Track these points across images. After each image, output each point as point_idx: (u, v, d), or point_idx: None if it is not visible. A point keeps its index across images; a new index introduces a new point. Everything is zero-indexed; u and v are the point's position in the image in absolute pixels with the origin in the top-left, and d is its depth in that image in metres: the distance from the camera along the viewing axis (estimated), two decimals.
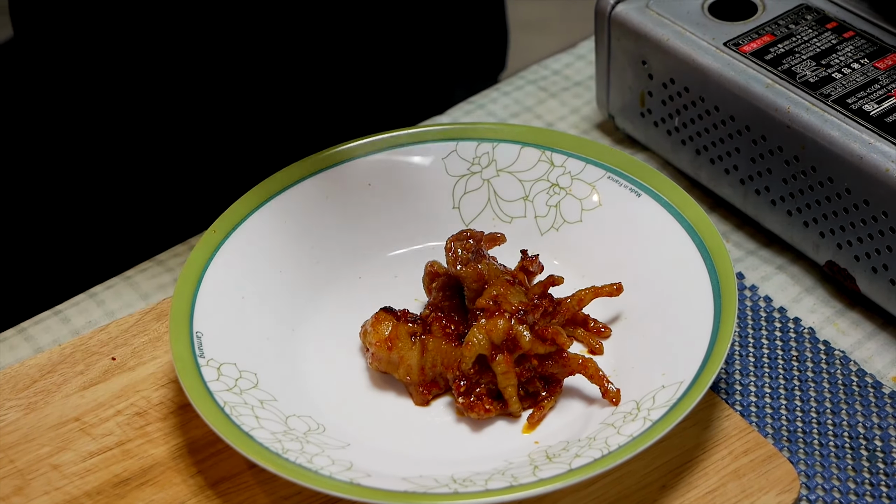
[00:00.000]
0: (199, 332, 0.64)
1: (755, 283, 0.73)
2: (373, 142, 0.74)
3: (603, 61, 0.80)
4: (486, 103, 0.86)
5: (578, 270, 0.70)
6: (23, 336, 0.71)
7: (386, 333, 0.64)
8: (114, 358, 0.68)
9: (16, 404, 0.66)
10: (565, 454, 0.59)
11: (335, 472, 0.58)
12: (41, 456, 0.63)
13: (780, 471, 0.61)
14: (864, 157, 0.67)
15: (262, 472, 0.62)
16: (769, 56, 0.73)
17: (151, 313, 0.70)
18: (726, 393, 0.67)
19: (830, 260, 0.71)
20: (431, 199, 0.73)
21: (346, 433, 0.63)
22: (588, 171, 0.72)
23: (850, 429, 0.65)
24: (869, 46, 0.73)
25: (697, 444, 0.63)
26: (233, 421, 0.60)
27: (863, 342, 0.69)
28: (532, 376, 0.64)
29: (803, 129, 0.69)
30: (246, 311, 0.67)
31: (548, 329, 0.63)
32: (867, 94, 0.70)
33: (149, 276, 0.75)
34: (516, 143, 0.74)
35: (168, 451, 0.64)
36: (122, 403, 0.66)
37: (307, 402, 0.64)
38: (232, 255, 0.68)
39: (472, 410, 0.63)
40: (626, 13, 0.77)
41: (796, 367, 0.68)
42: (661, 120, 0.78)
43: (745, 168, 0.74)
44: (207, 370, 0.62)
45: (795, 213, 0.72)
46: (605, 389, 0.63)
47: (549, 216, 0.72)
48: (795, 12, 0.76)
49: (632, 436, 0.59)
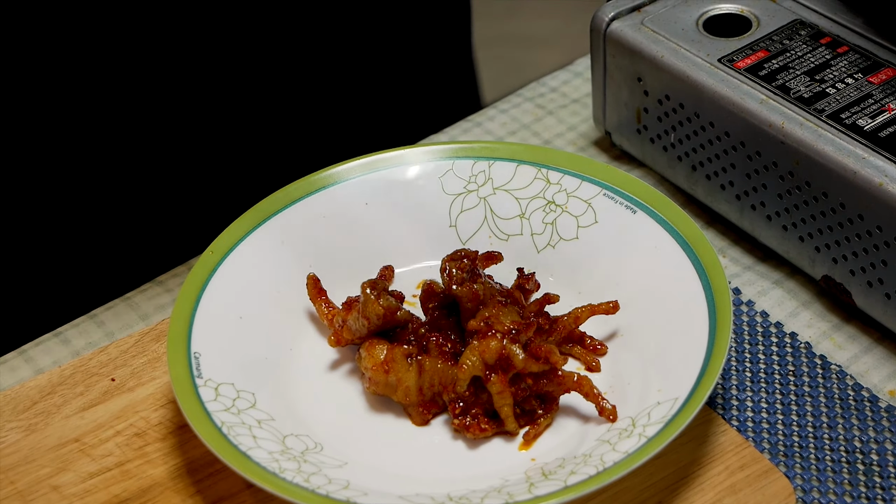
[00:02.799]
0: (196, 353, 0.64)
1: (752, 298, 0.73)
2: (369, 161, 0.74)
3: (599, 78, 0.81)
4: (483, 121, 0.87)
5: (575, 287, 0.71)
6: (23, 358, 0.72)
7: (381, 357, 0.64)
8: (113, 379, 0.68)
9: (16, 426, 0.66)
10: (561, 471, 0.60)
11: (332, 490, 0.58)
12: (41, 477, 0.64)
13: (776, 486, 0.62)
14: (857, 171, 0.67)
15: (260, 492, 0.62)
16: (763, 72, 0.74)
17: (150, 334, 0.71)
18: (723, 408, 0.67)
19: (826, 274, 0.71)
20: (428, 218, 0.73)
21: (343, 452, 0.63)
22: (584, 188, 0.73)
23: (846, 443, 0.65)
24: (863, 61, 0.74)
25: (693, 460, 0.63)
26: (230, 441, 0.60)
27: (859, 356, 0.70)
28: (528, 395, 0.64)
29: (797, 144, 0.69)
30: (244, 332, 0.67)
31: (541, 347, 0.63)
32: (861, 108, 0.70)
33: (148, 296, 0.75)
34: (512, 161, 0.74)
35: (167, 472, 0.64)
36: (122, 424, 0.66)
37: (304, 422, 0.64)
38: (229, 276, 0.68)
39: (469, 430, 0.63)
40: (621, 30, 0.78)
41: (793, 382, 0.68)
42: (658, 136, 0.79)
43: (741, 184, 0.74)
44: (205, 390, 0.62)
45: (791, 228, 0.72)
46: (601, 407, 0.63)
47: (545, 233, 0.73)
48: (790, 28, 0.77)
49: (627, 452, 0.59)
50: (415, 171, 0.74)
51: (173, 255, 0.81)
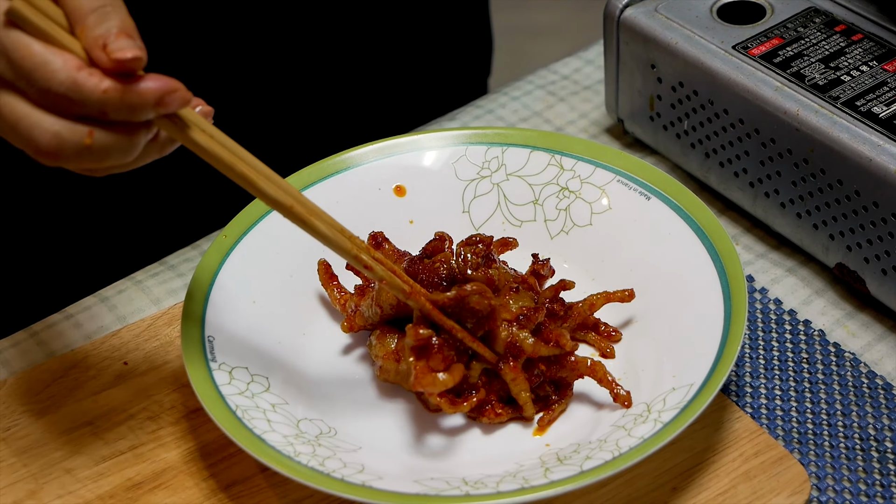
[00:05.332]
0: (210, 337, 0.64)
1: (765, 286, 0.73)
2: (383, 147, 0.74)
3: (612, 65, 0.81)
4: (496, 108, 0.87)
5: (588, 274, 0.71)
6: (35, 341, 0.71)
7: (392, 346, 0.64)
8: (126, 363, 0.68)
9: (29, 409, 0.66)
10: (576, 456, 0.59)
11: (347, 474, 0.58)
12: (54, 460, 0.64)
13: (790, 472, 0.61)
14: (873, 159, 0.67)
15: (275, 476, 0.62)
16: (778, 59, 0.73)
17: (163, 318, 0.70)
18: (737, 395, 0.67)
19: (840, 262, 0.71)
20: (441, 204, 0.73)
21: (357, 436, 0.63)
22: (598, 174, 0.72)
23: (860, 430, 0.65)
24: (878, 49, 0.73)
25: (708, 447, 0.63)
26: (245, 425, 0.60)
27: (873, 344, 0.70)
28: (542, 381, 0.64)
29: (812, 131, 0.69)
30: (257, 316, 0.67)
31: (552, 332, 0.63)
32: (876, 96, 0.70)
33: (160, 280, 0.75)
34: (526, 147, 0.74)
35: (180, 455, 0.64)
36: (135, 408, 0.66)
37: (318, 406, 0.64)
38: (243, 260, 0.68)
39: (484, 416, 0.63)
40: (634, 17, 0.78)
41: (806, 370, 0.68)
42: (671, 123, 0.78)
43: (755, 171, 0.74)
44: (219, 374, 0.62)
45: (805, 215, 0.72)
46: (616, 393, 0.63)
47: (558, 220, 0.73)
48: (804, 15, 0.76)
49: (643, 438, 0.59)
50: (428, 156, 0.74)
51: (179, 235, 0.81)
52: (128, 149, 0.54)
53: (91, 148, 0.53)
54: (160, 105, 0.53)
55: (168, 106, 0.53)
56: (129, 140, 0.53)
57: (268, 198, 0.57)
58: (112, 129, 0.53)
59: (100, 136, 0.53)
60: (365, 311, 0.67)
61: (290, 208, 0.58)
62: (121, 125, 0.53)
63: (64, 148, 0.52)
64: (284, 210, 0.58)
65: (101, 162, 0.54)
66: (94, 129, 0.52)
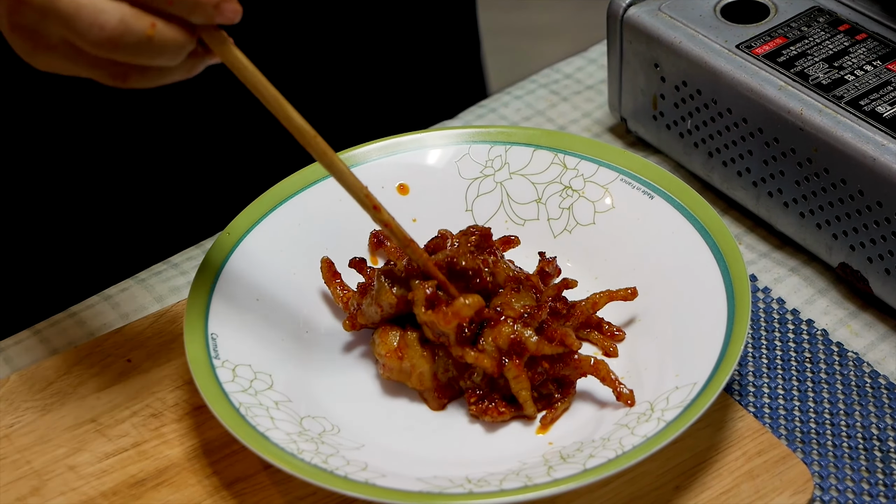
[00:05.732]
0: (214, 334, 0.64)
1: (768, 285, 0.73)
2: (386, 145, 0.74)
3: (615, 64, 0.81)
4: (498, 107, 0.87)
5: (591, 272, 0.71)
6: (38, 338, 0.71)
7: (394, 344, 0.64)
8: (129, 360, 0.68)
9: (32, 405, 0.66)
10: (579, 455, 0.59)
11: (350, 472, 0.58)
12: (57, 457, 0.64)
13: (793, 472, 0.61)
14: (877, 158, 0.67)
15: (278, 473, 0.62)
16: (782, 58, 0.73)
17: (166, 316, 0.70)
18: (740, 394, 0.67)
19: (843, 262, 0.71)
20: (444, 202, 0.73)
21: (360, 434, 0.63)
22: (601, 173, 0.73)
23: (863, 430, 0.65)
24: (881, 48, 0.73)
25: (711, 445, 0.63)
26: (248, 422, 0.60)
27: (876, 344, 0.70)
28: (544, 379, 0.64)
29: (816, 131, 0.69)
30: (260, 313, 0.67)
31: (556, 330, 0.63)
32: (880, 95, 0.70)
33: (163, 278, 0.75)
34: (529, 146, 0.74)
35: (183, 452, 0.64)
36: (138, 405, 0.66)
37: (322, 404, 0.64)
38: (246, 258, 0.68)
39: (486, 414, 0.63)
40: (638, 16, 0.78)
41: (809, 369, 0.68)
42: (674, 123, 0.79)
43: (758, 170, 0.74)
44: (223, 371, 0.62)
45: (808, 215, 0.72)
46: (619, 392, 0.63)
47: (561, 218, 0.73)
48: (808, 14, 0.76)
49: (646, 436, 0.59)
50: (431, 154, 0.74)
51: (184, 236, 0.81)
52: (179, 49, 0.55)
53: (152, 39, 0.54)
54: (217, 9, 0.55)
55: (223, 13, 0.55)
56: (184, 40, 0.55)
57: (295, 125, 0.59)
58: (172, 24, 0.54)
59: (161, 28, 0.54)
60: (366, 310, 0.67)
61: (314, 138, 0.60)
62: (179, 22, 0.55)
63: (127, 34, 0.53)
64: (309, 138, 0.60)
65: (154, 58, 0.55)
66: (158, 21, 0.54)
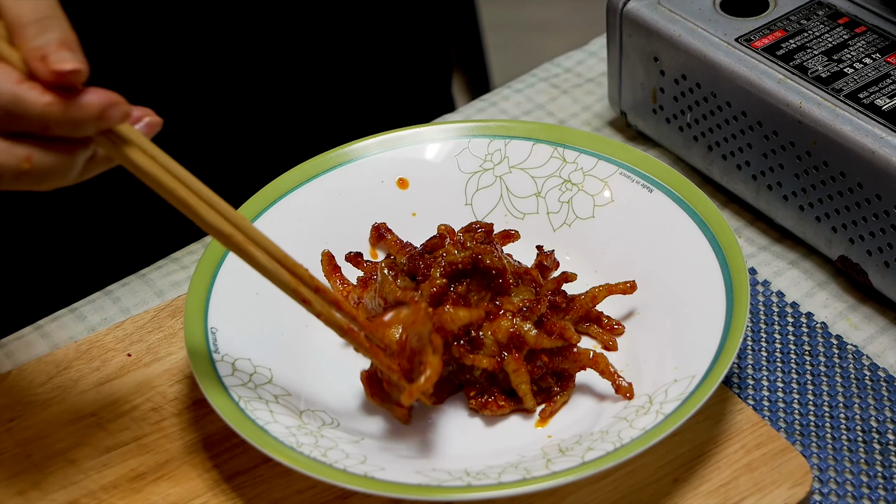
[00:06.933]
0: (213, 329, 0.64)
1: (768, 278, 0.73)
2: (385, 139, 0.74)
3: (615, 58, 0.81)
4: (498, 100, 0.87)
5: (591, 266, 0.71)
6: (39, 333, 0.72)
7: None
8: (129, 354, 0.68)
9: (33, 400, 0.66)
10: (578, 448, 0.60)
11: (349, 465, 0.59)
12: (58, 451, 0.64)
13: (792, 464, 0.62)
14: (875, 151, 0.67)
15: (277, 466, 0.62)
16: (781, 51, 0.73)
17: (166, 310, 0.71)
18: (739, 387, 0.67)
19: (843, 255, 0.71)
20: (444, 196, 0.73)
21: (359, 428, 0.63)
22: (600, 167, 0.73)
23: (862, 423, 0.65)
24: (881, 41, 0.73)
25: (710, 438, 0.63)
26: (248, 416, 0.60)
27: (875, 336, 0.70)
28: (544, 372, 0.64)
29: (815, 124, 0.69)
30: (260, 308, 0.67)
31: (556, 324, 0.63)
32: (879, 88, 0.70)
33: (164, 273, 0.75)
34: (528, 140, 0.74)
35: (183, 446, 0.64)
36: (138, 399, 0.66)
37: (321, 397, 0.65)
38: None
39: (486, 408, 0.63)
40: (637, 10, 0.78)
41: (809, 362, 0.68)
42: (673, 116, 0.79)
43: (758, 163, 0.74)
44: (222, 366, 0.63)
45: (808, 208, 0.72)
46: (618, 385, 0.63)
47: (561, 212, 0.73)
48: (807, 8, 0.76)
49: (644, 429, 0.59)
50: (431, 149, 0.74)
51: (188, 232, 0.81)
52: (67, 169, 0.52)
53: (30, 171, 0.51)
54: (101, 119, 0.51)
55: (109, 119, 0.51)
56: (69, 160, 0.52)
57: (206, 224, 0.55)
58: (52, 149, 0.51)
59: (39, 157, 0.51)
60: (368, 303, 0.67)
61: (230, 237, 0.56)
62: (61, 143, 0.51)
63: (1, 173, 0.50)
64: (223, 238, 0.56)
65: (39, 184, 0.52)
66: (34, 152, 0.51)
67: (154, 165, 0.54)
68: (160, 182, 0.54)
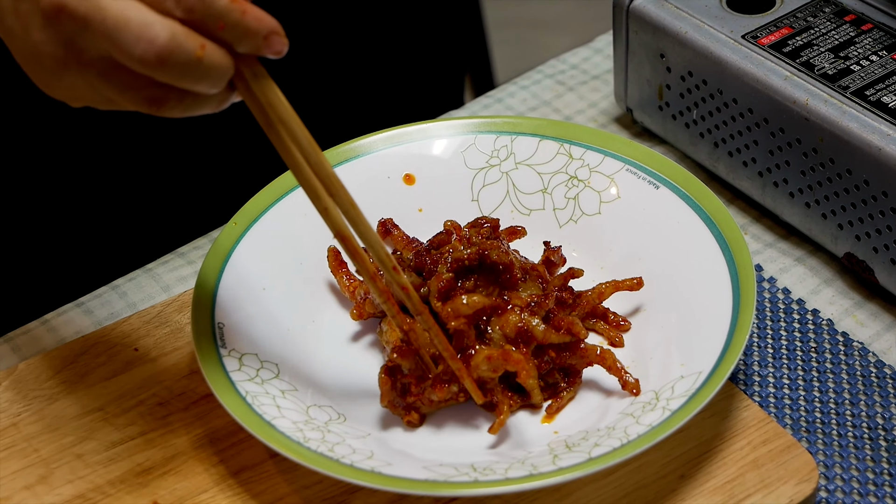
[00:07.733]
0: (220, 324, 0.64)
1: (774, 275, 0.73)
2: (392, 135, 0.74)
3: (621, 55, 0.81)
4: (504, 97, 0.87)
5: (597, 262, 0.71)
6: (46, 328, 0.72)
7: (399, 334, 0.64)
8: (136, 349, 0.68)
9: (40, 394, 0.66)
10: (585, 443, 0.60)
11: (356, 460, 0.59)
12: (65, 445, 0.64)
13: (798, 461, 0.62)
14: (882, 148, 0.67)
15: (284, 461, 0.63)
16: (787, 48, 0.73)
17: (173, 305, 0.71)
18: (745, 384, 0.67)
19: (849, 252, 0.71)
20: (450, 192, 0.73)
21: (366, 423, 0.63)
22: (607, 163, 0.73)
23: (868, 419, 0.65)
24: (887, 38, 0.73)
25: (716, 435, 0.63)
26: (255, 410, 0.60)
27: (881, 333, 0.70)
28: (551, 368, 0.64)
29: (821, 120, 0.69)
30: (267, 303, 0.67)
31: (563, 319, 0.63)
32: (885, 85, 0.70)
33: (170, 268, 0.75)
34: (535, 136, 0.74)
35: (190, 441, 0.64)
36: (145, 394, 0.66)
37: (328, 392, 0.65)
38: (252, 247, 0.68)
39: (494, 409, 0.63)
40: (644, 6, 0.78)
41: (815, 359, 0.68)
42: (680, 113, 0.79)
43: (764, 160, 0.74)
44: (229, 361, 0.63)
45: (814, 204, 0.72)
46: (624, 381, 0.63)
47: (567, 208, 0.73)
48: (813, 5, 0.76)
49: (651, 425, 0.59)
50: (437, 145, 0.74)
51: (195, 227, 0.81)
52: (223, 75, 0.53)
53: (201, 61, 0.52)
54: (266, 41, 0.53)
55: (271, 45, 0.53)
56: (228, 66, 0.53)
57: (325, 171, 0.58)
58: (220, 48, 0.52)
59: (211, 50, 0.52)
60: (374, 299, 0.67)
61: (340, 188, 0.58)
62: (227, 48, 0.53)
63: (177, 52, 0.51)
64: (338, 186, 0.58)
65: (198, 82, 0.53)
66: (207, 43, 0.52)
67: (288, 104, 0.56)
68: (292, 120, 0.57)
